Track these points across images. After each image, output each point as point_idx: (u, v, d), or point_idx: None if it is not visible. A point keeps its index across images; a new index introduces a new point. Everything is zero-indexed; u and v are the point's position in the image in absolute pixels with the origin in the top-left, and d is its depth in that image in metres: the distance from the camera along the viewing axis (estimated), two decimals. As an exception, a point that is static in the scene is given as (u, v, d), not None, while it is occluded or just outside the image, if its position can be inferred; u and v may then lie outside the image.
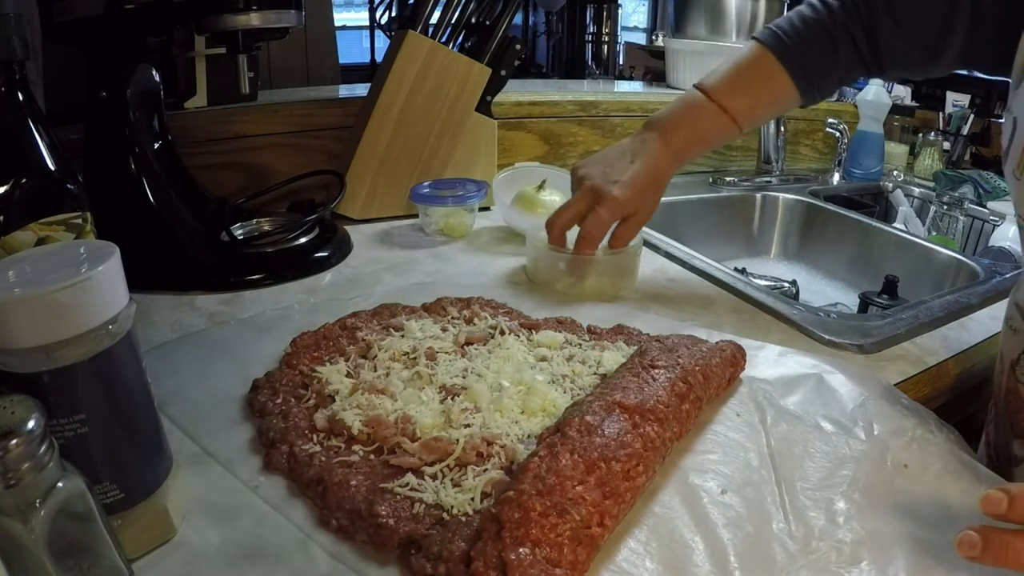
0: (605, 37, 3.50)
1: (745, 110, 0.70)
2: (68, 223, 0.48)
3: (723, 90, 0.69)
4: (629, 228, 0.72)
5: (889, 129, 1.42)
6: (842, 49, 0.67)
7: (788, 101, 0.71)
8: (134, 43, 0.71)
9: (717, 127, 0.70)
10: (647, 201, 0.71)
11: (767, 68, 0.69)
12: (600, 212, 0.69)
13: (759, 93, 0.70)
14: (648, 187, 0.71)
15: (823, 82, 0.69)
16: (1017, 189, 0.51)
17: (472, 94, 0.94)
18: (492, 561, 0.35)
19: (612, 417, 0.44)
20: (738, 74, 0.70)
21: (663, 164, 0.71)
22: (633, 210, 0.70)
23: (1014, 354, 0.56)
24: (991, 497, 0.36)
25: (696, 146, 0.72)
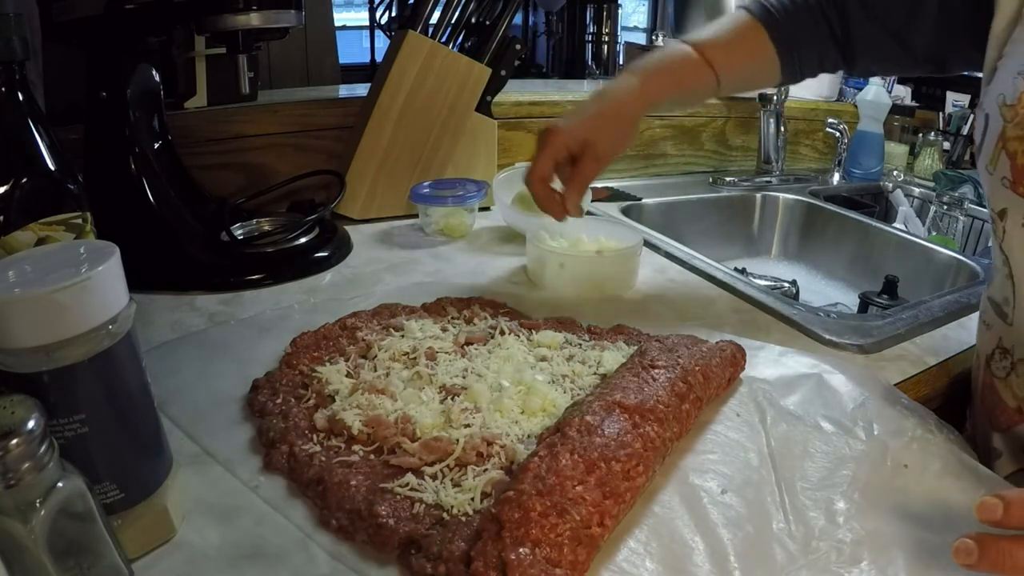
0: (605, 37, 3.50)
1: (724, 60, 0.68)
2: (68, 223, 0.48)
3: (704, 41, 0.69)
4: (585, 164, 0.65)
5: (889, 129, 1.42)
6: (821, 29, 0.67)
7: (768, 66, 0.69)
8: (134, 43, 0.71)
9: (693, 71, 0.68)
10: (603, 133, 0.66)
11: (749, 28, 0.69)
12: (542, 145, 0.65)
13: (738, 46, 0.69)
14: (605, 119, 0.66)
15: (803, 59, 0.69)
16: (989, 184, 0.51)
17: (472, 94, 0.94)
18: (492, 561, 0.35)
19: (612, 417, 0.44)
20: (720, 29, 0.70)
21: (627, 98, 0.67)
22: (583, 140, 0.65)
23: (988, 349, 0.57)
24: (986, 504, 0.36)
25: (669, 87, 0.68)
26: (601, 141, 0.65)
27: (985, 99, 0.52)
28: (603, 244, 0.79)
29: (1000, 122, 0.49)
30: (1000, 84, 0.50)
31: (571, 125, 0.65)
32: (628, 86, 0.67)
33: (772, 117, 1.29)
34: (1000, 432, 0.56)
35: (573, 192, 0.66)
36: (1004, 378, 0.55)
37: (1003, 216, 0.51)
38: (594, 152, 0.65)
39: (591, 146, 0.65)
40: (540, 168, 0.65)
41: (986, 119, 0.51)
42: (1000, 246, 0.53)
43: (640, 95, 0.67)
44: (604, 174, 0.70)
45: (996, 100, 0.50)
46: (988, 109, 0.51)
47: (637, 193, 1.16)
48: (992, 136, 0.50)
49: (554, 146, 0.64)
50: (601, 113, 0.66)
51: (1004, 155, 0.49)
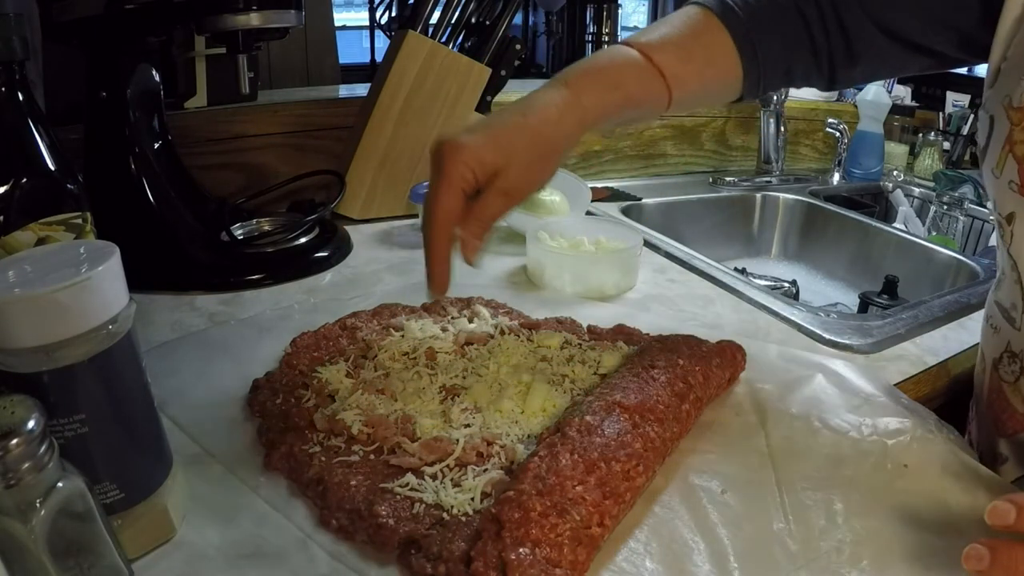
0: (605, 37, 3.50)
1: (678, 68, 0.53)
2: (68, 223, 0.48)
3: (653, 43, 0.53)
4: (489, 199, 0.48)
5: (889, 129, 1.42)
6: (794, 31, 0.56)
7: (729, 77, 0.56)
8: (134, 43, 0.71)
9: (640, 82, 0.52)
10: (520, 159, 0.48)
11: (707, 28, 0.55)
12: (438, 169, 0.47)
13: (695, 49, 0.54)
14: (523, 141, 0.48)
15: (770, 68, 0.56)
16: (996, 187, 0.50)
17: (472, 94, 0.94)
18: (492, 561, 0.35)
19: (612, 417, 0.44)
20: (671, 29, 0.55)
21: (557, 113, 0.49)
22: (493, 167, 0.47)
23: (996, 353, 0.56)
24: (998, 509, 0.35)
25: (611, 104, 0.52)
26: (515, 169, 0.48)
27: (989, 101, 0.51)
28: (603, 244, 0.79)
29: (1007, 125, 0.48)
30: (1006, 85, 0.49)
31: (479, 143, 0.47)
32: (559, 101, 0.50)
33: (772, 117, 1.29)
34: (1006, 437, 0.56)
35: (471, 236, 0.48)
36: (1013, 383, 0.54)
37: (1011, 220, 0.50)
38: (504, 183, 0.48)
39: (502, 175, 0.48)
40: (444, 204, 0.46)
41: (991, 121, 0.50)
42: (1008, 251, 0.51)
43: (574, 115, 0.50)
44: (604, 174, 0.58)
45: (1002, 102, 0.49)
46: (993, 111, 0.50)
47: (637, 193, 1.16)
48: (998, 139, 0.49)
49: (459, 172, 0.46)
50: (521, 132, 0.48)
51: (1012, 158, 0.48)
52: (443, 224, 0.47)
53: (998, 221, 0.52)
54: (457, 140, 0.47)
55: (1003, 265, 0.54)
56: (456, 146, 0.46)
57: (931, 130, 1.44)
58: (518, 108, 0.50)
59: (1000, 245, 0.53)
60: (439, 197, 0.46)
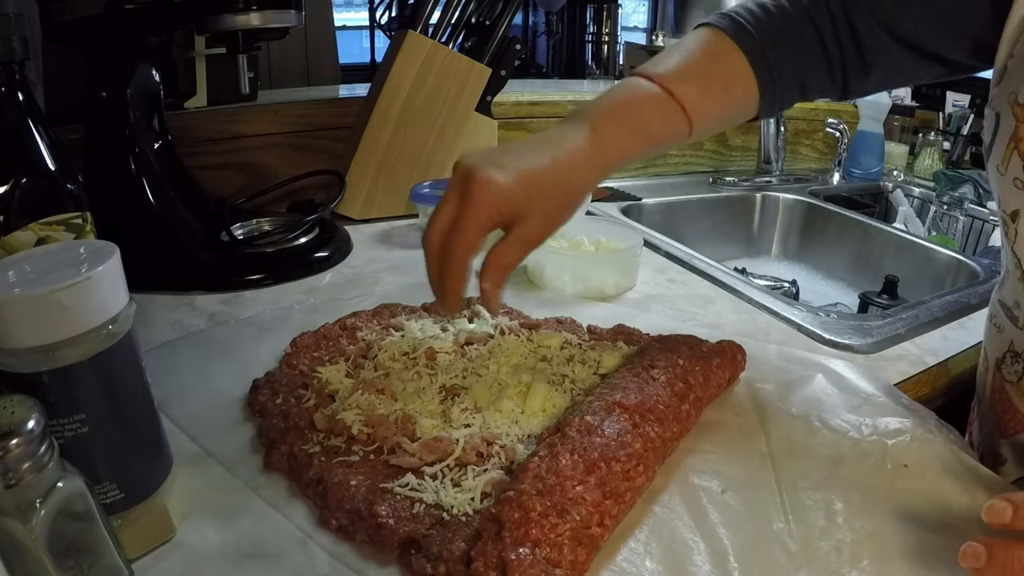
0: (605, 37, 3.51)
1: (698, 100, 0.53)
2: (68, 223, 0.48)
3: (671, 74, 0.53)
4: (509, 245, 0.47)
5: (889, 129, 1.42)
6: (809, 44, 0.55)
7: (746, 100, 0.56)
8: (134, 43, 0.71)
9: (663, 119, 0.52)
10: (542, 202, 0.47)
11: (722, 52, 0.55)
12: (468, 201, 0.45)
13: (714, 78, 0.54)
14: (550, 184, 0.48)
15: (786, 85, 0.56)
16: (1000, 184, 0.50)
17: (472, 94, 0.94)
18: (492, 561, 0.35)
19: (612, 417, 0.44)
20: (687, 57, 0.55)
21: (583, 160, 0.49)
22: (517, 210, 0.46)
23: (999, 353, 0.56)
24: (995, 507, 0.35)
25: (633, 146, 0.52)
26: (537, 217, 0.47)
27: (995, 98, 0.51)
28: (603, 244, 0.79)
29: (1012, 122, 0.48)
30: (1013, 82, 0.49)
31: (509, 184, 0.46)
32: (586, 147, 0.50)
33: (772, 117, 1.29)
34: (1007, 438, 0.56)
35: (492, 285, 0.47)
36: (1016, 383, 0.54)
37: (1015, 218, 0.50)
38: (525, 231, 0.47)
39: (524, 222, 0.47)
40: (468, 239, 0.45)
41: (996, 118, 0.50)
42: (1012, 249, 0.51)
43: (599, 161, 0.50)
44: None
45: (1008, 99, 0.49)
46: (999, 108, 0.50)
47: (637, 193, 1.16)
48: (1004, 136, 0.49)
49: (486, 210, 0.46)
50: (549, 178, 0.48)
51: (1016, 155, 0.48)
52: (464, 256, 0.46)
53: (1002, 219, 0.52)
54: (488, 176, 0.46)
55: (1007, 263, 0.54)
56: (487, 183, 0.45)
57: (931, 130, 1.44)
58: (547, 149, 0.49)
59: (1004, 243, 0.53)
60: (465, 231, 0.45)
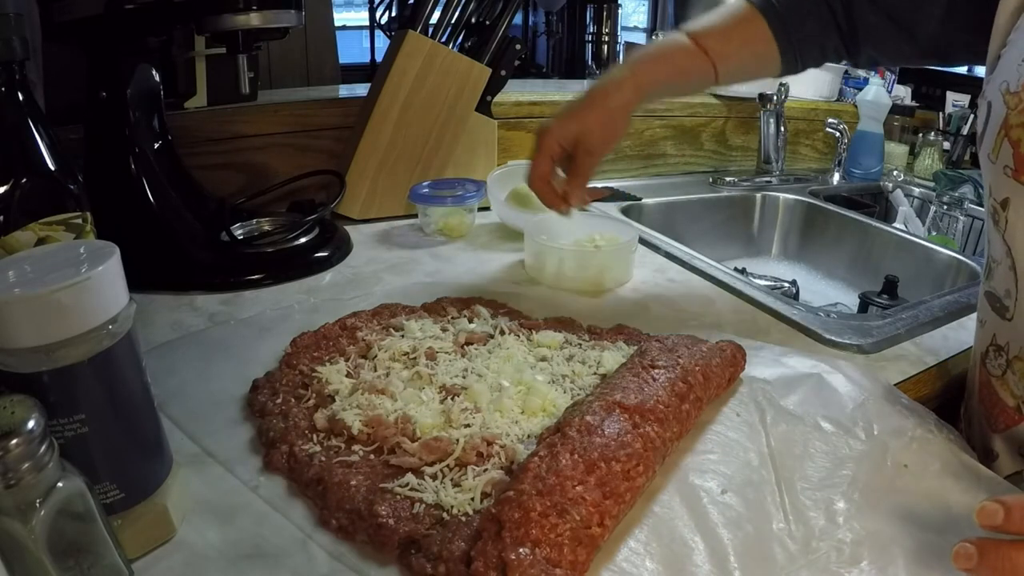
0: (605, 37, 3.50)
1: (720, 48, 0.67)
2: (68, 223, 0.48)
3: (700, 30, 0.68)
4: (580, 159, 0.67)
5: (889, 129, 1.42)
6: (824, 17, 0.67)
7: (767, 56, 0.69)
8: (134, 43, 0.71)
9: (688, 59, 0.68)
10: (593, 126, 0.66)
11: (747, 17, 0.68)
12: (537, 146, 0.67)
13: (735, 35, 0.69)
14: (595, 112, 0.66)
15: (804, 49, 0.68)
16: (991, 172, 0.51)
17: (472, 94, 0.94)
18: (492, 561, 0.35)
19: (612, 417, 0.44)
20: (716, 18, 0.70)
21: (617, 89, 0.67)
22: (573, 135, 0.66)
23: (983, 347, 0.56)
24: (987, 509, 0.35)
25: (663, 75, 0.68)
26: (591, 135, 0.66)
27: (987, 88, 0.52)
28: (599, 240, 0.80)
29: (1003, 110, 0.49)
30: (1004, 71, 0.49)
31: (562, 122, 0.66)
32: (619, 77, 0.67)
33: (772, 117, 1.29)
34: (998, 433, 0.56)
35: (574, 187, 0.68)
36: (1000, 376, 0.54)
37: (1005, 206, 0.50)
38: (586, 146, 0.66)
39: (583, 140, 0.66)
40: (538, 168, 0.67)
41: (988, 107, 0.51)
42: (1003, 237, 0.51)
43: (632, 85, 0.67)
44: (604, 174, 0.69)
45: (999, 88, 0.49)
46: (991, 97, 0.51)
47: (637, 193, 1.16)
48: (994, 124, 0.50)
49: (548, 145, 0.66)
50: (591, 106, 0.66)
51: (1007, 143, 0.48)
52: (542, 181, 0.67)
53: (992, 207, 0.52)
54: (547, 124, 0.67)
55: (995, 253, 0.54)
56: (545, 128, 0.67)
57: (931, 130, 1.44)
58: (591, 88, 0.68)
59: (993, 232, 0.53)
60: (536, 164, 0.67)
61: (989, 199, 0.53)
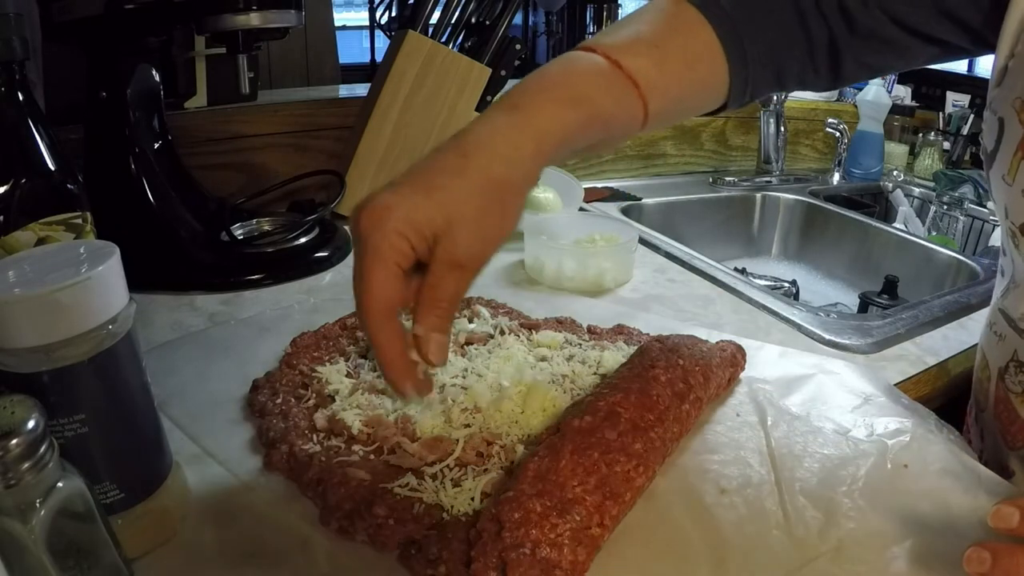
0: (605, 37, 3.50)
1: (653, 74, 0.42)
2: (68, 223, 0.48)
3: (621, 44, 0.42)
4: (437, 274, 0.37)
5: (889, 129, 1.42)
6: (787, 14, 0.48)
7: (712, 82, 0.47)
8: (134, 43, 0.71)
9: (610, 95, 0.41)
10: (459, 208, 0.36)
11: (685, 21, 0.45)
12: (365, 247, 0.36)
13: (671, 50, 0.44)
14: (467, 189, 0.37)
15: (760, 69, 0.47)
16: (1008, 195, 0.48)
17: (472, 94, 0.94)
18: (492, 561, 0.35)
19: (612, 417, 0.44)
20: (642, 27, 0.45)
21: (509, 150, 0.38)
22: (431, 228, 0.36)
23: (1002, 362, 0.55)
24: (1001, 512, 0.34)
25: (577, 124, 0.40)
26: (462, 230, 0.36)
27: (996, 101, 0.49)
28: (599, 239, 0.80)
29: (1019, 130, 0.46)
30: (1016, 86, 0.47)
31: (408, 201, 0.36)
32: (507, 130, 0.38)
33: (772, 117, 1.29)
34: (1015, 451, 0.54)
35: (430, 329, 0.37)
36: (1021, 393, 0.53)
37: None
38: (451, 251, 0.36)
39: (445, 239, 0.36)
40: (379, 292, 0.35)
41: (1000, 124, 0.48)
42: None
43: (529, 144, 0.38)
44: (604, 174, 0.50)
45: (1012, 104, 0.47)
46: (1002, 113, 0.47)
47: (637, 193, 1.16)
48: (1010, 144, 0.47)
49: (389, 244, 0.35)
50: (462, 176, 0.37)
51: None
52: (384, 316, 0.36)
53: (1011, 230, 0.50)
54: (379, 202, 0.36)
55: (1014, 275, 0.52)
56: (378, 210, 0.35)
57: (931, 130, 1.44)
58: (455, 146, 0.38)
59: (1013, 254, 0.51)
60: (370, 282, 0.35)
61: (1006, 221, 0.50)
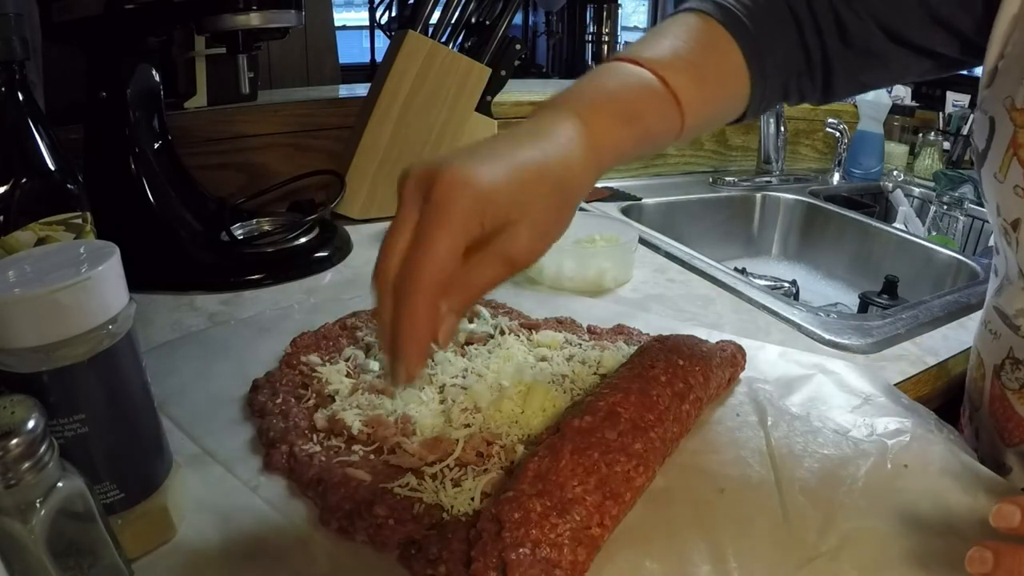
0: (605, 37, 3.51)
1: (694, 92, 0.45)
2: (68, 223, 0.48)
3: (665, 60, 0.45)
4: (488, 262, 0.35)
5: (889, 129, 1.42)
6: (790, 33, 0.50)
7: (736, 96, 0.50)
8: (134, 43, 0.71)
9: (659, 113, 0.44)
10: (536, 206, 0.36)
11: (716, 40, 0.48)
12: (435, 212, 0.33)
13: (708, 69, 0.47)
14: (544, 189, 0.36)
15: (772, 80, 0.50)
16: (999, 192, 0.49)
17: (472, 94, 0.94)
18: (492, 561, 0.35)
19: (612, 417, 0.44)
20: (680, 43, 0.47)
21: (579, 158, 0.39)
22: (504, 217, 0.35)
23: (997, 359, 0.55)
24: (1003, 511, 0.34)
25: (631, 141, 0.42)
26: (527, 227, 0.36)
27: (987, 101, 0.50)
28: (599, 239, 0.80)
29: (1010, 127, 0.47)
30: (1006, 86, 0.47)
31: (497, 182, 0.34)
32: (578, 142, 0.39)
33: (772, 117, 1.29)
34: (1012, 447, 0.55)
35: (451, 305, 0.34)
36: (1018, 390, 0.53)
37: (1016, 227, 0.49)
38: (511, 246, 0.35)
39: (510, 233, 0.35)
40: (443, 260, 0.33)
41: (991, 123, 0.49)
42: (1017, 259, 0.50)
43: (594, 160, 0.40)
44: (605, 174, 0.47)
45: (1003, 104, 0.47)
46: (993, 112, 0.49)
47: (637, 193, 1.16)
48: (1001, 142, 0.48)
49: (466, 217, 0.33)
50: (542, 177, 0.36)
51: (1016, 162, 0.47)
52: (435, 287, 0.33)
53: (1002, 227, 0.51)
54: (465, 172, 0.33)
55: (1008, 272, 0.52)
56: (459, 181, 0.33)
57: (931, 130, 1.44)
58: (535, 142, 0.38)
59: (1005, 251, 0.52)
60: (436, 251, 0.32)
61: (998, 219, 0.51)
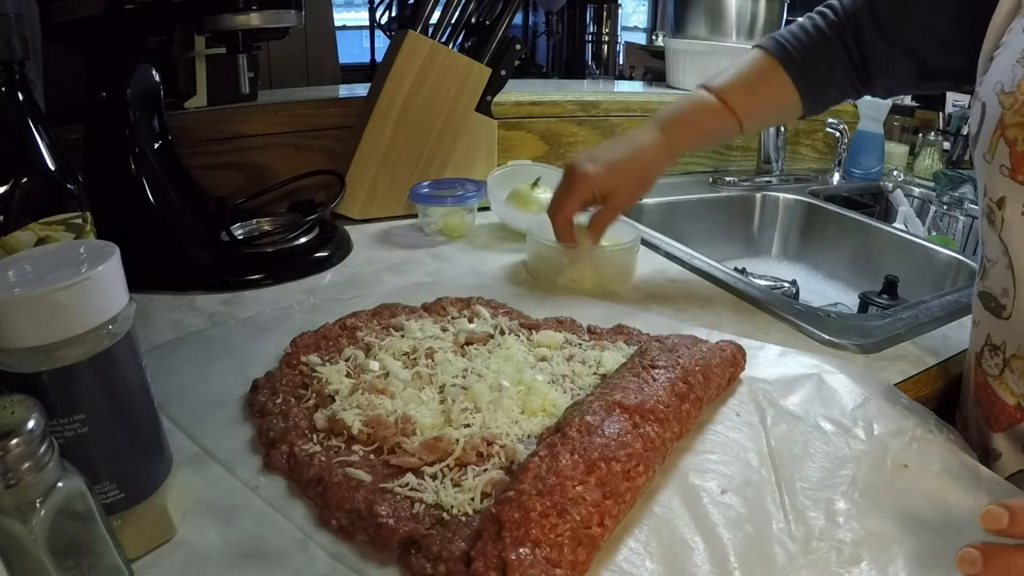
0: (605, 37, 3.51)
1: (745, 104, 0.72)
2: (68, 223, 0.48)
3: (724, 87, 0.73)
4: (604, 212, 0.73)
5: (889, 129, 1.42)
6: (839, 58, 0.70)
7: (789, 103, 0.73)
8: (134, 43, 0.71)
9: (716, 119, 0.73)
10: (624, 183, 0.72)
11: (767, 68, 0.72)
12: (570, 186, 0.71)
13: (759, 88, 0.73)
14: (628, 170, 0.72)
15: (823, 89, 0.72)
16: (987, 172, 0.51)
17: (472, 94, 0.94)
18: (492, 561, 0.35)
19: (612, 417, 0.44)
20: (738, 73, 0.74)
21: (651, 151, 0.72)
22: (607, 189, 0.71)
23: (977, 347, 0.57)
24: (991, 513, 0.35)
25: (692, 138, 0.74)
26: (622, 193, 0.72)
27: (981, 88, 0.52)
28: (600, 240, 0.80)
29: (998, 110, 0.49)
30: (998, 72, 0.50)
31: (599, 172, 0.71)
32: (655, 142, 0.72)
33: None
34: (999, 432, 0.56)
35: (594, 235, 0.74)
36: (998, 375, 0.54)
37: (1001, 205, 0.50)
38: (614, 202, 0.72)
39: (613, 196, 0.72)
40: (567, 209, 0.72)
41: (983, 108, 0.51)
42: (999, 236, 0.52)
43: (666, 151, 0.73)
44: None
45: (994, 88, 0.50)
46: (985, 98, 0.51)
47: (637, 193, 1.16)
48: (990, 124, 0.50)
49: (582, 191, 0.71)
50: (628, 166, 0.72)
51: (1003, 142, 0.49)
52: (566, 220, 0.73)
53: (988, 207, 0.52)
54: (586, 169, 0.71)
55: (991, 253, 0.54)
56: (585, 175, 0.71)
57: (931, 130, 1.44)
58: (627, 147, 0.73)
59: (989, 232, 0.53)
60: (565, 203, 0.72)
61: (984, 199, 0.53)
